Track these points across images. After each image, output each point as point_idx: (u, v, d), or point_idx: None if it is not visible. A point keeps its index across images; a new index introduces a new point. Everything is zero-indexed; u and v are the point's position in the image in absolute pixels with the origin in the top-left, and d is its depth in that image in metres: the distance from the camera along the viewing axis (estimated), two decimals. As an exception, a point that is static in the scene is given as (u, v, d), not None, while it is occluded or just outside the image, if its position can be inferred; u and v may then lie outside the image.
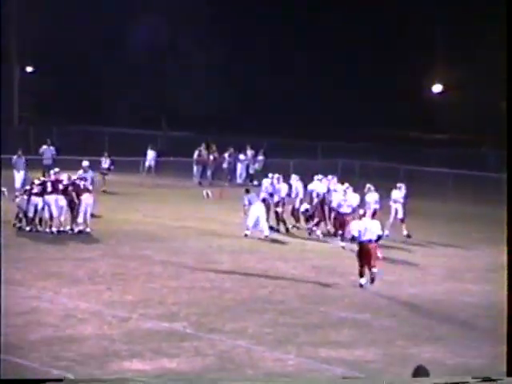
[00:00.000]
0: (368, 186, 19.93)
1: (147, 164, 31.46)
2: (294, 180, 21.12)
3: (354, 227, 14.95)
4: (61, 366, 9.93)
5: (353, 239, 15.13)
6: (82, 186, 18.87)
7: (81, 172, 21.26)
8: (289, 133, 44.47)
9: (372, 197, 19.54)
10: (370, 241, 14.66)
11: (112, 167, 27.22)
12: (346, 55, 49.31)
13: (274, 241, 19.09)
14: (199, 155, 31.77)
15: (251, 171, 32.05)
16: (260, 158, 32.90)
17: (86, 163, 22.19)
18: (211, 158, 31.97)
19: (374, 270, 14.65)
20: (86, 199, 18.68)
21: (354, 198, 19.13)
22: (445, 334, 11.99)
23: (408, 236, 19.63)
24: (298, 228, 20.32)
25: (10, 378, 8.90)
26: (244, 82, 45.54)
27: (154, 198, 25.83)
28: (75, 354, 10.39)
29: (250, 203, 19.53)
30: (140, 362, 10.21)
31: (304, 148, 39.71)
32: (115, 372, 9.82)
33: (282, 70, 50.77)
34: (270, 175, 21.08)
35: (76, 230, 18.53)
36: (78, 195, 18.58)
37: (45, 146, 28.64)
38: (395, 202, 19.82)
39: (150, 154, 31.95)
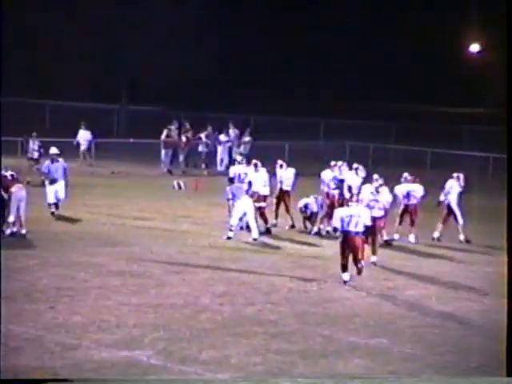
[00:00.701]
0: (405, 175, 20.28)
1: (81, 149, 30.98)
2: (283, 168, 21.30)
3: (338, 215, 15.77)
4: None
5: (335, 230, 16.12)
6: (9, 177, 18.61)
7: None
8: (283, 108, 44.65)
9: (411, 188, 19.99)
10: (357, 233, 15.60)
11: (41, 150, 26.77)
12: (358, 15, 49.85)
13: (265, 245, 19.18)
14: (168, 136, 31.71)
15: (235, 156, 31.95)
16: (246, 139, 32.93)
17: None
18: (184, 139, 31.96)
19: (362, 263, 15.69)
20: (17, 193, 18.45)
21: (386, 196, 18.59)
22: (484, 363, 11.97)
23: (467, 241, 20.06)
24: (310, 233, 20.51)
25: (10, 378, 9.60)
26: (227, 46, 45.58)
27: (110, 191, 25.90)
28: (6, 392, 10.34)
29: (235, 197, 19.53)
30: (91, 402, 10.17)
31: (302, 127, 39.90)
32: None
33: (273, 30, 50.93)
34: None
35: (7, 232, 18.37)
36: (7, 188, 18.35)
37: None
38: (450, 195, 20.06)
39: (83, 135, 31.51)
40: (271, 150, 29.39)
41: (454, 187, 20.25)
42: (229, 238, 19.27)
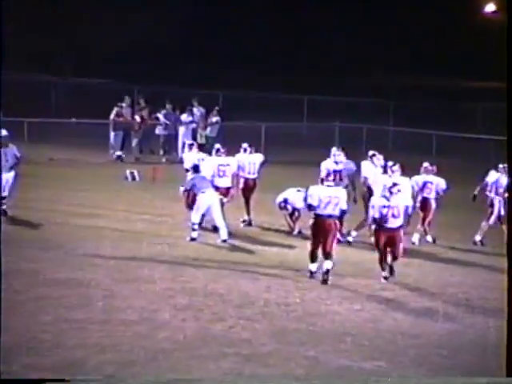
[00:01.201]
0: (425, 165, 20.52)
1: None
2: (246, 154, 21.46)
3: (313, 193, 16.68)
4: None
5: (309, 208, 16.83)
6: None
7: None
8: (258, 83, 44.60)
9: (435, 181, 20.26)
10: (330, 216, 16.58)
11: None
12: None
13: (237, 248, 19.21)
14: (119, 115, 31.57)
15: (200, 140, 31.87)
16: (214, 119, 32.82)
17: None
18: (137, 118, 31.86)
19: (329, 261, 16.56)
20: None
21: (405, 197, 17.58)
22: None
23: (481, 243, 20.45)
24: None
25: (10, 378, 10.17)
26: (195, 10, 45.69)
27: (48, 182, 25.82)
28: None
29: (199, 189, 19.45)
30: None
31: (282, 104, 39.91)
32: None
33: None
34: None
35: None
36: None
37: None
38: (496, 191, 20.27)
39: None
40: (244, 133, 29.30)
41: (500, 180, 20.28)
42: (192, 239, 19.28)
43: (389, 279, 16.82)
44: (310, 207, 16.84)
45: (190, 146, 22.10)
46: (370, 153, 20.96)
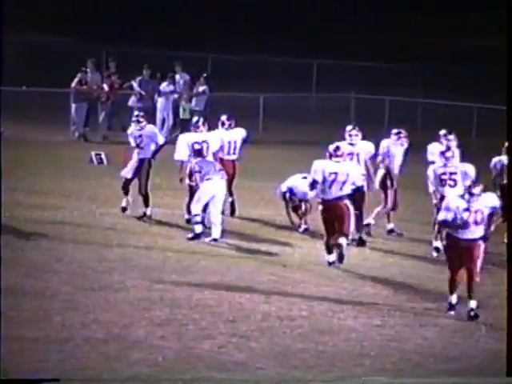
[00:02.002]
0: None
1: None
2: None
3: (317, 168, 17.46)
4: None
5: (313, 184, 17.65)
6: None
7: None
8: (257, 44, 44.61)
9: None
10: (338, 198, 17.41)
11: None
12: None
13: (230, 247, 19.33)
14: (82, 82, 31.59)
15: (183, 114, 31.89)
16: (201, 88, 32.82)
17: None
18: (106, 87, 31.88)
19: (343, 239, 17.35)
20: None
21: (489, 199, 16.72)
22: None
23: None
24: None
25: (9, 378, 10.82)
26: None
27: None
28: None
29: (204, 175, 19.73)
30: None
31: (285, 71, 39.90)
32: None
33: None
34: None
35: None
36: None
37: None
38: None
39: None
40: (238, 106, 29.30)
41: None
42: (196, 236, 19.48)
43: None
44: (313, 184, 17.44)
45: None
46: (395, 130, 21.10)
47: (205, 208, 19.69)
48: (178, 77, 32.98)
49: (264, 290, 16.60)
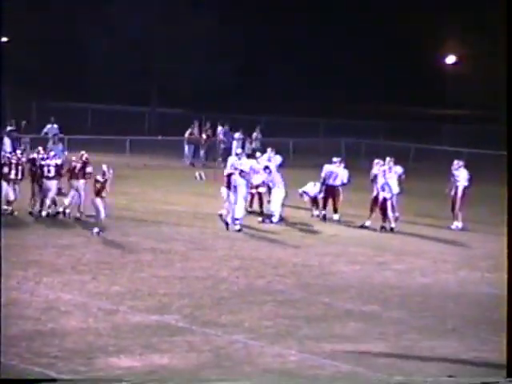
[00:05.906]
0: (455, 162, 19.69)
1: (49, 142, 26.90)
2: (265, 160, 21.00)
3: (325, 168, 19.46)
4: (42, 362, 9.83)
5: (324, 181, 19.25)
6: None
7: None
8: (288, 110, 44.36)
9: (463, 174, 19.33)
10: (333, 186, 19.45)
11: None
12: (349, 27, 49.33)
13: (273, 227, 18.91)
14: (191, 133, 31.71)
15: (247, 150, 31.80)
16: (257, 135, 32.84)
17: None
18: (204, 136, 31.91)
19: (337, 214, 18.92)
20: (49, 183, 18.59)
21: None
22: (459, 326, 11.96)
23: None
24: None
25: (6, 378, 9.09)
26: (241, 56, 45.51)
27: (142, 181, 25.77)
28: (58, 349, 10.29)
29: (274, 184, 19.34)
30: (128, 358, 10.12)
31: (304, 126, 39.55)
32: (101, 369, 9.76)
33: (278, 43, 50.56)
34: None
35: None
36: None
37: (49, 125, 30.30)
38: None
39: (51, 129, 29.99)
40: (278, 146, 29.16)
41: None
42: (279, 220, 18.82)
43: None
44: (324, 180, 19.28)
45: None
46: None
47: None
48: (240, 132, 32.69)
49: (293, 250, 16.45)
